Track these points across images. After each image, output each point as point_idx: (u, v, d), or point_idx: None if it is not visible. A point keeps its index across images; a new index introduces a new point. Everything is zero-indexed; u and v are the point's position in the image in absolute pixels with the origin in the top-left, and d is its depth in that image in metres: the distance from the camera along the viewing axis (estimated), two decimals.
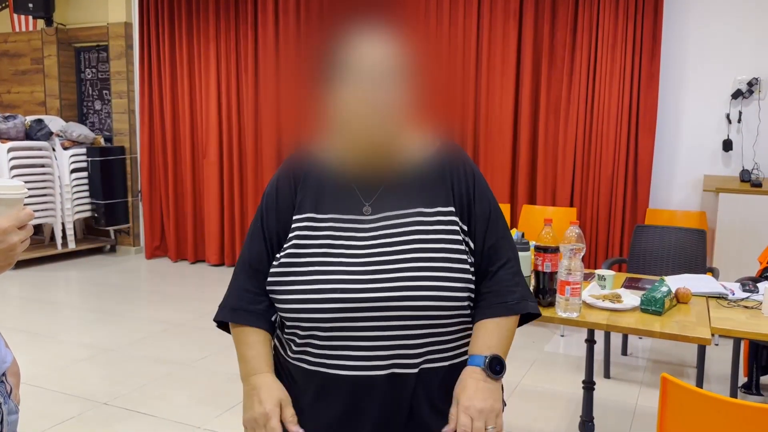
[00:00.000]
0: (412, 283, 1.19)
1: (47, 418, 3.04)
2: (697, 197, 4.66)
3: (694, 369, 3.74)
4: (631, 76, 4.58)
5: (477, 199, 1.29)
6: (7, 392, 1.12)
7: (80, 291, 5.37)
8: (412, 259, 1.20)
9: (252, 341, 1.27)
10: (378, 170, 1.28)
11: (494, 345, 1.22)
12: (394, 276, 1.19)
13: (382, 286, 1.19)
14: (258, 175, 5.99)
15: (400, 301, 1.18)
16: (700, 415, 1.45)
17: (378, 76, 1.18)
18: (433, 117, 1.34)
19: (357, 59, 1.19)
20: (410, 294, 1.18)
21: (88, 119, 7.07)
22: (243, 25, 5.87)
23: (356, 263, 1.21)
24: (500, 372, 1.20)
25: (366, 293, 1.18)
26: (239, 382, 3.46)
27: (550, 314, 2.20)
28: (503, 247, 1.30)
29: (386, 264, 1.20)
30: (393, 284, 1.19)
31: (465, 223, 1.27)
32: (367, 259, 1.21)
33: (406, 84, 1.22)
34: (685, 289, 2.38)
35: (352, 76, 1.19)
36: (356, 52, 1.20)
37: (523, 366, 3.76)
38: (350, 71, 1.19)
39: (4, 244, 0.97)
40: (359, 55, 1.19)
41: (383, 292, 1.18)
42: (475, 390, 1.18)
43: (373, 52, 1.19)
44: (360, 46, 1.20)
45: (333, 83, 1.21)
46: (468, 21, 5.02)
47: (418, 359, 1.21)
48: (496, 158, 5.03)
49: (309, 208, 1.28)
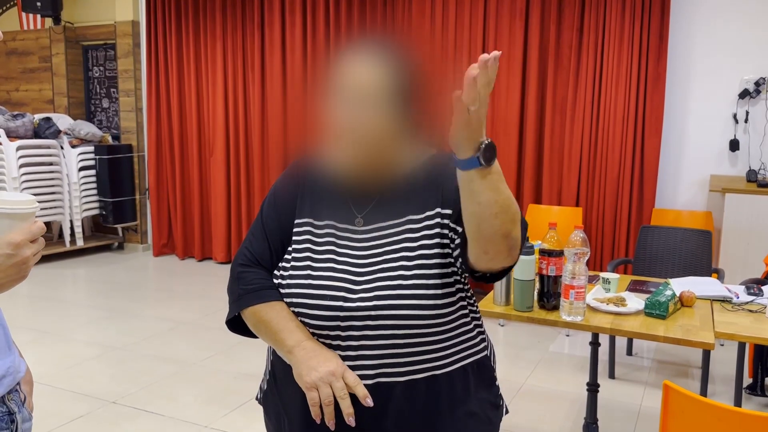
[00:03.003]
0: (395, 291, 1.21)
1: (56, 416, 3.08)
2: (703, 197, 4.66)
3: (699, 369, 3.75)
4: (637, 76, 4.57)
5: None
6: (21, 401, 1.14)
7: (88, 288, 5.41)
8: (395, 267, 1.22)
9: (289, 314, 1.26)
10: (371, 185, 1.30)
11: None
12: (377, 285, 1.22)
13: (368, 296, 1.21)
14: (265, 173, 6.02)
15: (384, 310, 1.20)
16: (702, 423, 1.46)
17: (370, 97, 1.19)
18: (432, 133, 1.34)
19: (352, 77, 1.21)
20: (393, 303, 1.20)
21: (96, 117, 7.10)
22: (249, 23, 5.89)
23: (351, 272, 1.24)
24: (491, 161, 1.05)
25: (354, 302, 1.21)
26: (246, 381, 3.50)
27: (554, 318, 2.22)
28: None
29: (373, 274, 1.23)
30: (377, 293, 1.21)
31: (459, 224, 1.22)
32: (359, 269, 1.24)
33: (402, 105, 1.22)
34: (690, 292, 2.39)
35: (344, 94, 1.21)
36: (352, 70, 1.21)
37: (528, 366, 3.77)
38: (343, 89, 1.21)
39: (17, 258, 0.99)
40: (355, 73, 1.21)
41: (369, 302, 1.21)
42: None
43: (366, 72, 1.20)
44: (356, 65, 1.22)
45: (330, 98, 1.24)
46: (474, 22, 5.02)
47: (404, 368, 1.23)
48: (502, 158, 5.03)
49: (308, 213, 1.32)
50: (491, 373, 1.36)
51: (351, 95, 1.20)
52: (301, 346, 1.23)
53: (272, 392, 1.38)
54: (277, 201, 1.36)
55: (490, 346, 1.39)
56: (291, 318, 1.26)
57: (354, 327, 1.22)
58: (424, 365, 1.25)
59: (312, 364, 1.21)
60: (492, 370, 1.37)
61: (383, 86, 1.21)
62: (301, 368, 1.22)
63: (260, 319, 1.28)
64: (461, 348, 1.29)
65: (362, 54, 1.23)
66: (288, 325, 1.25)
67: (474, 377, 1.31)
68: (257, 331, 1.31)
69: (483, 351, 1.35)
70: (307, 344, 1.24)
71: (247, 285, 1.31)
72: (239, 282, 1.32)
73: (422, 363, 1.25)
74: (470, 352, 1.31)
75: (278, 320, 1.26)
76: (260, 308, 1.28)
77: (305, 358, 1.22)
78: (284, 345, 1.25)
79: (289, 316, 1.26)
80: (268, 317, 1.27)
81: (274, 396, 1.37)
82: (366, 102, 1.20)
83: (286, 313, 1.27)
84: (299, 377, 1.22)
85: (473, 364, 1.31)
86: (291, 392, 1.31)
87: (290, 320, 1.26)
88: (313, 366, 1.21)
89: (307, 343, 1.24)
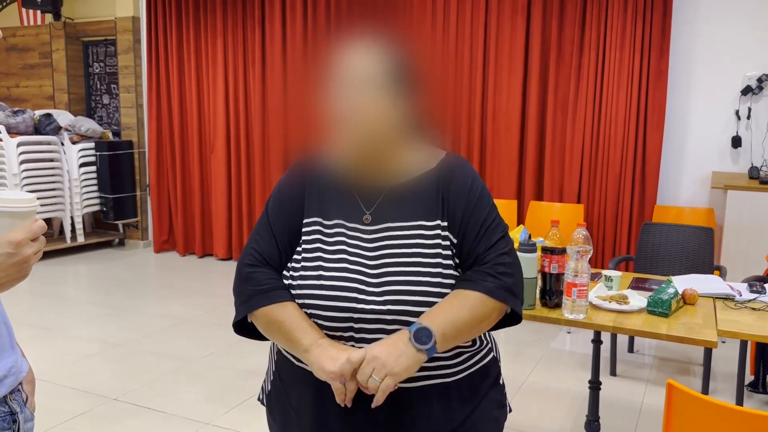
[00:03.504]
0: (408, 297, 1.20)
1: (58, 413, 3.08)
2: (705, 194, 4.65)
3: (700, 366, 3.75)
4: (639, 73, 4.56)
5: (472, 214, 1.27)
6: (24, 400, 1.14)
7: (89, 285, 5.41)
8: (408, 272, 1.21)
9: (301, 314, 1.24)
10: (376, 177, 1.29)
11: (440, 319, 1.18)
12: (391, 289, 1.20)
13: (381, 299, 1.20)
14: (265, 170, 6.01)
15: (398, 315, 1.20)
16: (706, 422, 1.46)
17: (367, 85, 1.20)
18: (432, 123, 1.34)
19: (349, 67, 1.21)
20: (406, 309, 1.20)
21: (96, 113, 7.09)
22: (250, 20, 5.87)
23: (362, 272, 1.23)
24: (425, 343, 1.16)
25: (368, 304, 1.20)
26: (248, 379, 3.50)
27: (556, 315, 2.21)
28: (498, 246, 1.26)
29: (385, 276, 1.22)
30: (390, 297, 1.20)
31: (457, 236, 1.25)
32: (370, 270, 1.23)
33: (403, 95, 1.23)
34: (692, 290, 2.38)
35: (344, 83, 1.21)
36: (350, 60, 1.22)
37: (529, 363, 3.77)
38: (342, 78, 1.22)
39: (18, 257, 0.98)
40: (352, 63, 1.22)
41: (382, 305, 1.20)
42: (389, 344, 1.17)
43: (365, 61, 1.21)
44: (354, 55, 1.22)
45: (330, 88, 1.24)
46: (475, 17, 5.01)
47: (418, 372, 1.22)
48: (503, 155, 5.03)
49: (316, 212, 1.30)
50: (497, 372, 1.36)
51: (351, 84, 1.21)
52: (317, 344, 1.22)
53: (278, 393, 1.37)
54: (284, 200, 1.33)
55: (495, 347, 1.38)
56: (304, 318, 1.25)
57: (366, 330, 1.21)
58: (436, 371, 1.24)
59: (331, 353, 1.19)
60: (498, 369, 1.37)
61: (382, 74, 1.21)
62: (322, 361, 1.19)
63: (272, 320, 1.26)
64: (471, 350, 1.29)
65: (361, 43, 1.23)
66: (302, 324, 1.23)
67: (482, 378, 1.31)
68: (268, 332, 1.28)
69: (490, 352, 1.34)
70: (323, 341, 1.22)
71: (257, 286, 1.28)
72: (248, 282, 1.29)
73: (434, 369, 1.24)
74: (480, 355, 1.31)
75: (291, 320, 1.24)
76: (272, 309, 1.26)
77: (322, 352, 1.20)
78: (300, 344, 1.23)
79: (302, 316, 1.25)
80: (281, 318, 1.25)
81: (281, 396, 1.36)
82: (366, 90, 1.20)
83: (298, 314, 1.25)
84: (321, 371, 1.19)
85: (482, 366, 1.31)
86: (300, 392, 1.30)
87: (303, 320, 1.24)
88: (332, 356, 1.19)
89: (323, 341, 1.22)
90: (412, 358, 1.16)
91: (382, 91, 1.21)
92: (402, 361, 1.15)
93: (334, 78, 1.23)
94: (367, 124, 1.21)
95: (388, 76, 1.21)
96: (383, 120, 1.22)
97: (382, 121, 1.22)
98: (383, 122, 1.22)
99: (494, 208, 1.30)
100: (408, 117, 1.26)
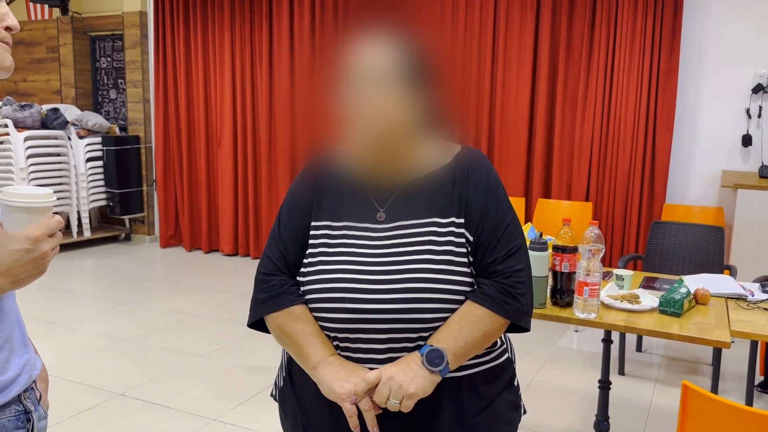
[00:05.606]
0: (419, 295, 1.18)
1: (64, 408, 3.08)
2: (714, 193, 4.62)
3: (709, 366, 3.73)
4: (649, 71, 4.53)
5: (489, 210, 1.25)
6: (37, 398, 1.13)
7: (95, 280, 5.42)
8: (422, 269, 1.20)
9: (313, 328, 1.24)
10: (390, 174, 1.28)
11: (451, 339, 1.19)
12: (402, 287, 1.19)
13: (391, 297, 1.18)
14: (272, 165, 6.00)
15: (408, 313, 1.18)
16: (720, 423, 1.44)
17: (380, 81, 1.19)
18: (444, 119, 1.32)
19: (361, 63, 1.20)
20: (417, 306, 1.18)
21: (103, 108, 7.09)
22: (258, 14, 5.86)
23: (368, 271, 1.21)
24: (438, 365, 1.17)
25: (376, 304, 1.19)
26: (255, 374, 3.49)
27: (567, 314, 2.20)
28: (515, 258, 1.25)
29: (396, 274, 1.20)
30: (401, 296, 1.18)
31: (474, 234, 1.24)
32: (378, 267, 1.21)
33: (414, 90, 1.22)
34: (704, 290, 2.36)
35: (355, 79, 1.20)
36: (361, 55, 1.21)
37: (537, 361, 3.76)
38: (355, 74, 1.20)
39: (36, 253, 0.97)
40: (364, 59, 1.20)
41: (392, 304, 1.18)
42: (403, 364, 1.18)
43: (378, 56, 1.20)
44: (365, 50, 1.21)
45: (341, 86, 1.22)
46: (484, 14, 4.98)
47: None
48: (511, 152, 5.01)
49: (326, 215, 1.28)
50: (512, 374, 1.35)
51: (363, 79, 1.19)
52: (326, 362, 1.22)
53: (288, 393, 1.36)
54: (295, 205, 1.32)
55: (510, 348, 1.37)
56: (315, 333, 1.24)
57: (375, 330, 1.20)
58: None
59: (342, 375, 1.20)
60: (513, 371, 1.35)
61: (393, 68, 1.20)
62: (332, 382, 1.19)
63: (285, 333, 1.26)
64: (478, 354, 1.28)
65: (371, 38, 1.22)
66: (312, 340, 1.23)
67: (496, 379, 1.30)
68: (281, 344, 1.29)
69: (504, 353, 1.33)
70: (333, 360, 1.22)
71: (265, 292, 1.28)
72: (258, 289, 1.31)
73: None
74: (493, 355, 1.30)
75: (302, 336, 1.24)
76: (284, 320, 1.26)
77: (331, 372, 1.20)
78: (308, 361, 1.23)
79: (314, 331, 1.24)
80: (292, 332, 1.25)
81: (291, 396, 1.36)
82: (378, 85, 1.19)
83: (311, 328, 1.24)
84: (330, 391, 1.19)
85: (495, 366, 1.30)
86: (309, 394, 1.29)
87: (314, 335, 1.24)
88: (343, 377, 1.19)
89: (332, 359, 1.22)
90: (427, 378, 1.17)
91: (395, 87, 1.19)
92: (418, 381, 1.16)
93: (346, 74, 1.21)
94: (380, 120, 1.20)
95: (401, 71, 1.20)
96: (396, 115, 1.20)
97: (395, 117, 1.20)
98: (396, 118, 1.20)
99: (511, 207, 1.29)
100: (421, 112, 1.24)
